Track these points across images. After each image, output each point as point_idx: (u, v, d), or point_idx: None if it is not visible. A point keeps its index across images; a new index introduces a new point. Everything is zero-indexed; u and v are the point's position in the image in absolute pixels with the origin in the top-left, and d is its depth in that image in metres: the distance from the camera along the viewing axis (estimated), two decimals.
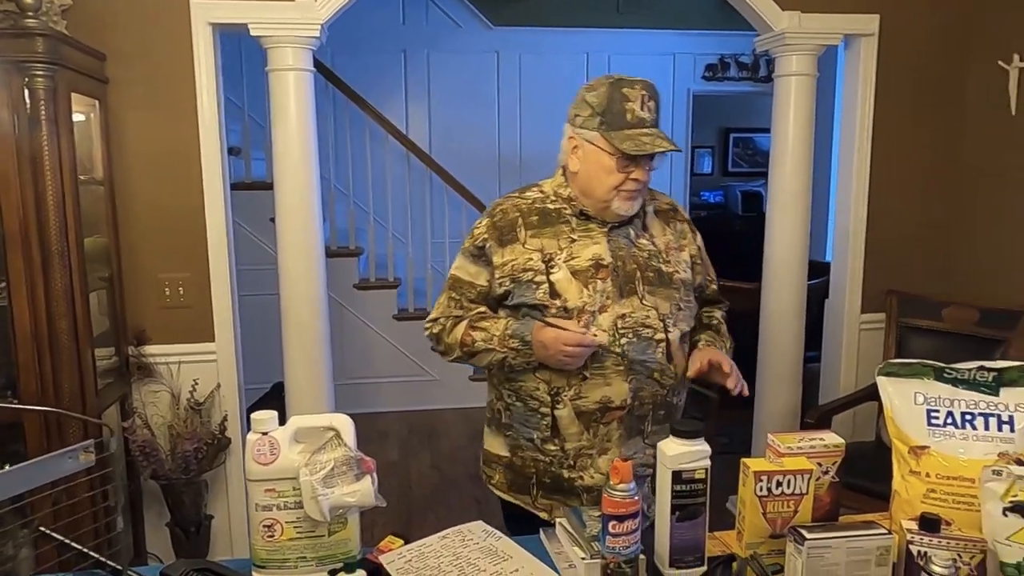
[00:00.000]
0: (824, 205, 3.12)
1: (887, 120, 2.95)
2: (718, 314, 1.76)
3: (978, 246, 2.98)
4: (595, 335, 1.49)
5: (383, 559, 1.25)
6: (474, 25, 5.50)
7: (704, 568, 1.22)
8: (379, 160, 4.66)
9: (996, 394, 1.29)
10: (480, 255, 1.60)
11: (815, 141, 3.10)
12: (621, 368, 1.51)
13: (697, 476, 1.24)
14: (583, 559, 1.25)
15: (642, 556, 1.23)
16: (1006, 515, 1.17)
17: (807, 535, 1.15)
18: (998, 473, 1.18)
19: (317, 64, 4.40)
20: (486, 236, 1.59)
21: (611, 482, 1.18)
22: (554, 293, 1.52)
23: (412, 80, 5.49)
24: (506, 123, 5.67)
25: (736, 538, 1.27)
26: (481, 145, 5.62)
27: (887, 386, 1.34)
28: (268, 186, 2.84)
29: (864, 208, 2.98)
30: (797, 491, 1.22)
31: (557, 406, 1.53)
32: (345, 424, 1.25)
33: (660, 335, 1.54)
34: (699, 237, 1.72)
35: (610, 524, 1.17)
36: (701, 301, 1.71)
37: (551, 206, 1.59)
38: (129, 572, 1.24)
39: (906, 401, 1.32)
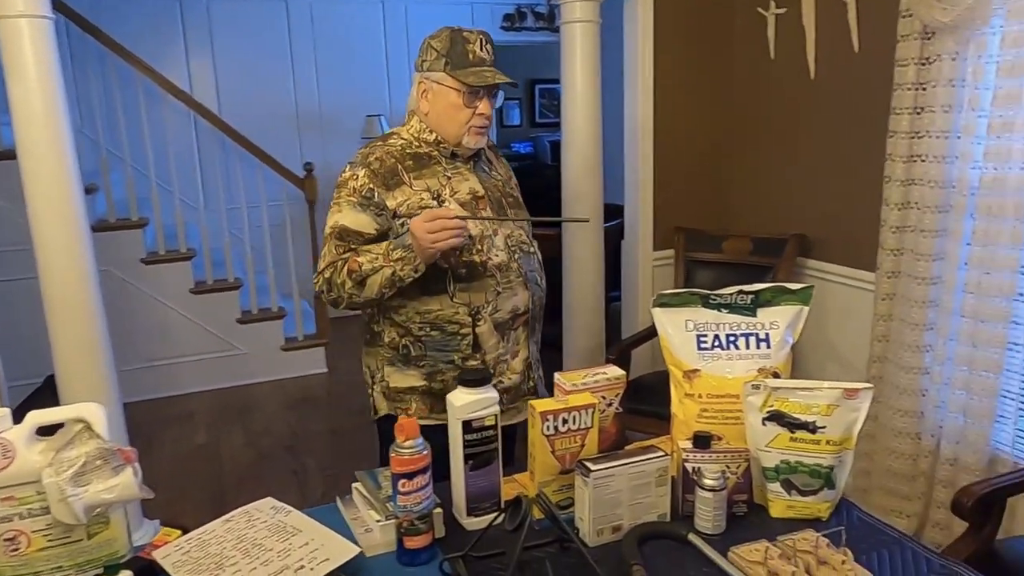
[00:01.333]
0: (621, 149, 3.24)
1: (666, 65, 3.10)
2: None
3: (750, 181, 3.24)
4: (450, 206, 1.64)
5: (157, 555, 1.14)
6: None
7: (498, 511, 1.22)
8: (158, 121, 4.24)
9: (754, 315, 1.39)
10: (368, 203, 1.64)
11: (612, 87, 3.21)
12: (521, 279, 1.72)
13: (487, 424, 1.24)
14: (378, 522, 1.21)
15: (438, 509, 1.22)
16: (764, 424, 1.28)
17: (592, 467, 1.18)
18: (757, 387, 1.28)
19: (66, 10, 3.92)
20: (371, 185, 1.64)
21: (397, 440, 1.14)
22: None
23: (192, 32, 5.02)
24: (302, 77, 5.37)
25: (530, 478, 1.29)
26: (276, 102, 5.29)
27: (661, 316, 1.41)
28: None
29: (651, 151, 3.13)
30: (583, 426, 1.25)
31: (478, 324, 1.67)
32: (95, 413, 1.11)
33: (533, 248, 1.79)
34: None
35: (400, 483, 1.14)
36: None
37: (421, 150, 1.70)
38: None
39: (678, 329, 1.40)
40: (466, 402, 1.22)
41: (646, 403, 2.54)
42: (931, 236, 2.29)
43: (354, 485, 1.33)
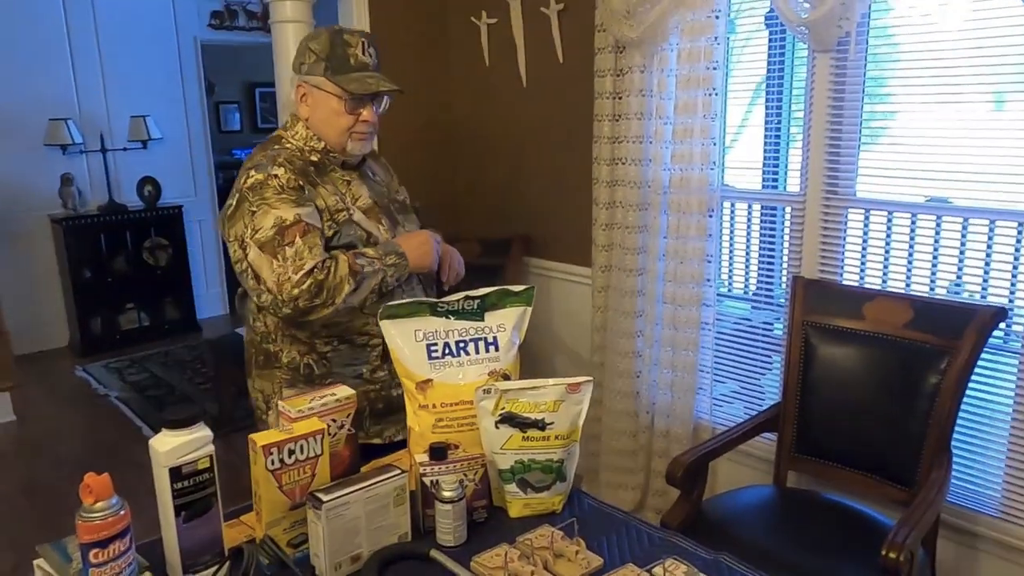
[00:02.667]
0: None
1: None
2: None
3: (476, 184, 3.33)
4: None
5: None
6: None
7: (219, 565, 1.09)
8: None
9: (481, 319, 1.40)
10: (303, 199, 1.56)
11: None
12: (421, 284, 1.71)
13: (200, 467, 1.10)
14: None
15: (148, 574, 1.05)
16: (498, 427, 1.29)
17: (324, 498, 1.10)
18: (488, 391, 1.28)
19: None
20: (297, 180, 1.56)
21: (85, 503, 0.96)
22: (367, 232, 1.65)
23: None
24: None
25: (256, 519, 1.17)
26: None
27: (390, 328, 1.36)
28: None
29: None
30: (311, 455, 1.16)
31: None
32: None
33: None
34: None
35: (91, 554, 0.96)
36: None
37: (315, 158, 1.64)
38: None
39: (408, 340, 1.36)
40: (173, 446, 1.07)
41: None
42: (634, 232, 2.52)
43: (36, 563, 1.11)
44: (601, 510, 1.33)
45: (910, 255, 2.10)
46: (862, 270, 2.16)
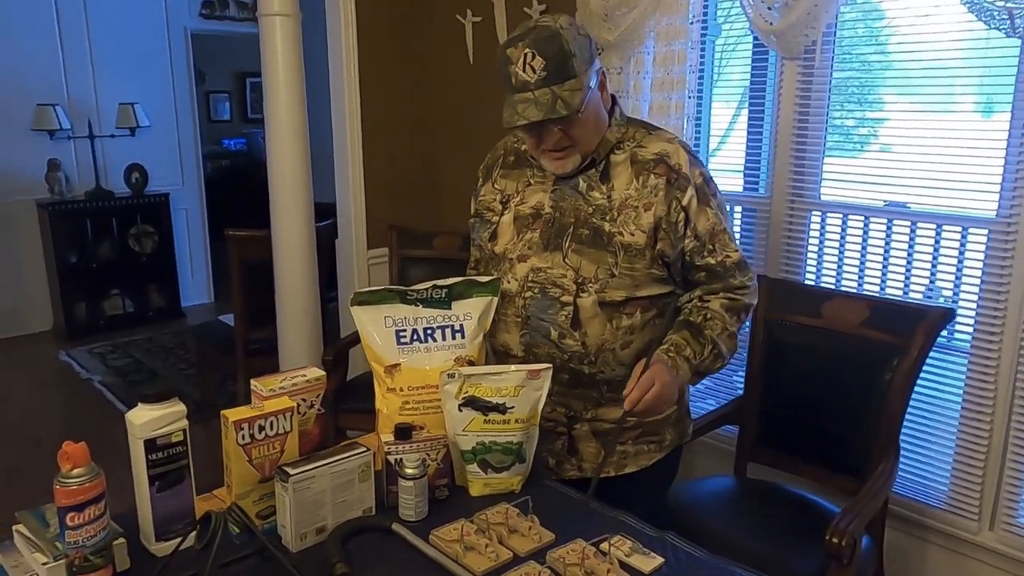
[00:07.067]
0: (331, 148, 3.20)
1: (371, 66, 3.13)
2: (716, 304, 1.48)
3: (460, 179, 3.38)
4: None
5: None
6: None
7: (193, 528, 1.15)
8: None
9: (449, 307, 1.46)
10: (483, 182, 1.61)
11: (323, 84, 3.14)
12: (519, 320, 1.49)
13: (174, 440, 1.16)
14: (45, 564, 1.07)
15: (120, 540, 1.11)
16: (461, 410, 1.35)
17: (291, 471, 1.17)
18: (452, 376, 1.35)
19: None
20: (480, 173, 1.63)
21: (63, 469, 1.02)
22: (493, 235, 1.56)
23: None
24: None
25: (227, 492, 1.23)
26: None
27: (360, 314, 1.42)
28: None
29: (360, 150, 3.14)
30: (281, 431, 1.23)
31: None
32: None
33: (567, 297, 1.44)
34: (690, 196, 1.44)
35: (68, 517, 1.02)
36: (692, 280, 1.50)
37: (524, 147, 1.54)
38: None
39: (377, 326, 1.42)
40: (148, 419, 1.13)
41: (364, 401, 2.53)
42: None
43: (15, 527, 1.17)
44: (555, 489, 1.39)
45: (863, 256, 2.19)
46: (818, 270, 2.25)
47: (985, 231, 1.91)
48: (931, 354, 1.88)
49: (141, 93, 5.21)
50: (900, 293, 2.14)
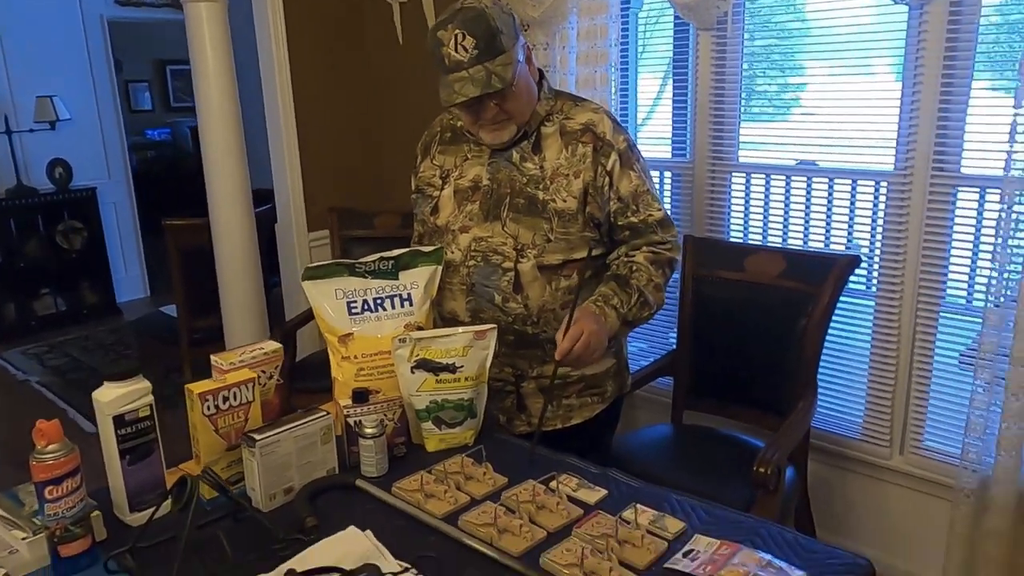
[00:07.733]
0: (265, 133, 3.20)
1: (301, 47, 3.13)
2: (640, 258, 1.57)
3: (399, 159, 3.43)
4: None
5: None
6: None
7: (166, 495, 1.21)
8: None
9: (396, 278, 1.54)
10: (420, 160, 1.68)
11: (249, 69, 3.13)
12: (464, 287, 1.57)
13: (141, 415, 1.22)
14: (24, 539, 1.13)
15: (96, 512, 1.17)
16: (413, 372, 1.44)
17: (257, 437, 1.24)
18: (403, 341, 1.44)
19: None
20: (418, 151, 1.70)
21: (39, 446, 1.08)
22: (435, 209, 1.62)
23: None
24: None
25: (196, 463, 1.30)
26: None
27: (311, 289, 1.50)
28: None
29: (294, 134, 3.15)
30: (244, 401, 1.30)
31: None
32: None
33: (508, 263, 1.54)
34: (614, 161, 1.53)
35: (46, 491, 1.08)
36: (617, 239, 1.60)
37: (459, 123, 1.62)
38: None
39: (329, 298, 1.50)
40: (114, 396, 1.19)
41: (313, 380, 2.60)
42: None
43: None
44: (506, 440, 1.50)
45: (786, 213, 2.35)
46: (745, 229, 2.40)
47: (886, 183, 2.09)
48: (846, 300, 2.05)
49: (59, 85, 5.05)
50: (822, 246, 2.31)
